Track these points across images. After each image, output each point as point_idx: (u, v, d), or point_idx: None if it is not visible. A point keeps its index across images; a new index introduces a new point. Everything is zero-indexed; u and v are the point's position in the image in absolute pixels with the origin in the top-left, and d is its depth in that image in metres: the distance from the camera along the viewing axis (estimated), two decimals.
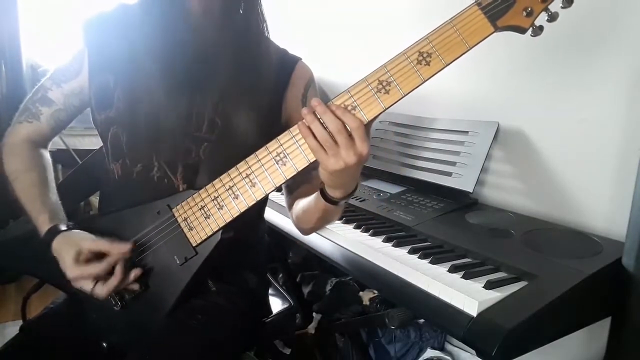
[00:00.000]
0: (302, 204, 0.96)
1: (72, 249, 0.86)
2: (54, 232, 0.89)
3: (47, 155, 1.04)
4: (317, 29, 2.20)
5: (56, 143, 1.09)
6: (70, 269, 0.86)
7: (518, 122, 1.28)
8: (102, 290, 0.87)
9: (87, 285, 0.87)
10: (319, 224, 0.98)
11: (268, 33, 1.02)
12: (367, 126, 0.75)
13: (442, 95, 1.47)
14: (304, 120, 0.75)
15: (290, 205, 1.04)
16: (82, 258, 0.86)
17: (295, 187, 1.03)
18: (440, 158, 1.38)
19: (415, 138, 1.49)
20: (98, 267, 0.86)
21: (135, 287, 0.90)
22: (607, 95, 1.09)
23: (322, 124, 0.73)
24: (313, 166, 0.79)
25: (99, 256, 0.87)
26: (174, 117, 0.90)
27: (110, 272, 0.87)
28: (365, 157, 0.74)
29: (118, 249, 0.87)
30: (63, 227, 0.90)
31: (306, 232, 1.04)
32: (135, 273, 0.89)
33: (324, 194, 0.84)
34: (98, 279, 0.87)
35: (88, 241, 0.88)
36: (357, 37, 1.91)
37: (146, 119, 0.91)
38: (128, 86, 0.93)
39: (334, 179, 0.79)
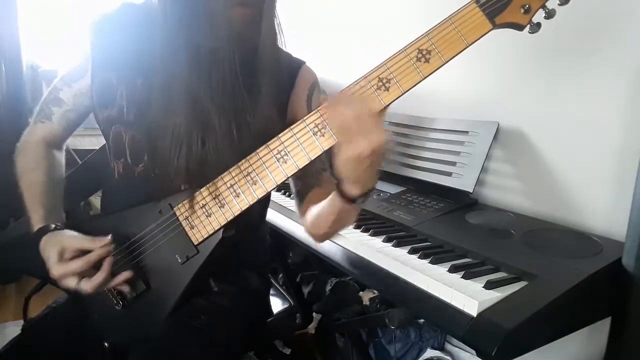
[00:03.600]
0: (316, 208, 0.94)
1: (55, 247, 0.86)
2: (42, 231, 0.90)
3: (59, 156, 1.05)
4: (318, 30, 2.21)
5: None
6: (54, 267, 0.86)
7: (518, 122, 1.28)
8: (86, 285, 0.86)
9: (71, 282, 0.86)
10: (333, 228, 0.94)
11: (284, 43, 1.00)
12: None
13: (442, 95, 1.48)
14: (324, 105, 0.75)
15: (303, 212, 1.01)
16: (65, 256, 0.86)
17: (306, 191, 1.00)
18: (440, 158, 1.38)
19: (415, 138, 1.49)
20: (78, 263, 0.85)
21: (127, 288, 0.90)
22: (607, 95, 1.10)
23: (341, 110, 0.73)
24: (323, 167, 0.78)
25: (83, 254, 0.87)
26: (178, 117, 0.90)
27: (97, 269, 0.87)
28: (381, 147, 0.72)
29: (98, 244, 0.87)
30: (52, 227, 0.91)
31: (320, 238, 1.00)
32: (125, 275, 0.88)
33: (340, 193, 0.82)
34: (82, 275, 0.86)
35: (72, 239, 0.88)
36: (358, 37, 1.91)
37: (149, 118, 0.90)
38: (131, 85, 0.93)
39: (350, 169, 0.76)
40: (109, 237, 0.88)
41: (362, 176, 0.78)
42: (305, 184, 0.79)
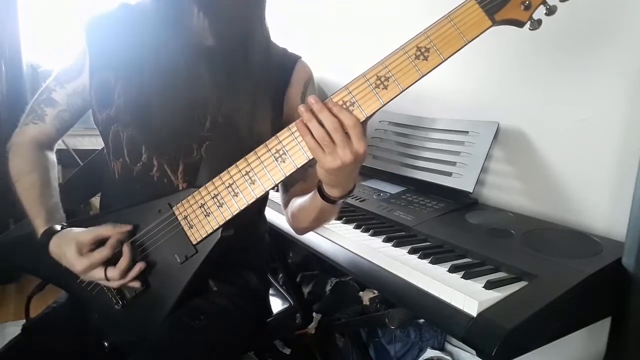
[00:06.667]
0: (298, 202, 0.96)
1: (71, 244, 0.86)
2: (49, 233, 0.90)
3: (52, 156, 1.05)
4: (316, 28, 2.21)
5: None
6: (77, 262, 0.86)
7: (518, 122, 1.28)
8: (114, 273, 0.86)
9: (98, 274, 0.87)
10: (314, 224, 0.97)
11: (269, 37, 1.02)
12: (364, 124, 0.75)
13: (442, 95, 1.47)
14: (301, 118, 0.75)
15: (286, 203, 1.04)
16: (85, 249, 0.87)
17: (291, 184, 1.02)
18: (440, 158, 1.38)
19: (415, 138, 1.49)
20: (104, 251, 0.86)
21: (138, 284, 0.90)
22: (607, 95, 1.10)
23: (319, 121, 0.73)
24: (309, 164, 0.79)
25: (100, 244, 0.87)
26: (176, 116, 0.90)
27: (117, 257, 0.87)
28: (362, 156, 0.74)
29: (118, 229, 0.88)
30: (57, 228, 0.91)
31: (301, 231, 1.04)
32: (140, 266, 0.89)
33: (321, 193, 0.84)
34: (107, 263, 0.87)
35: (85, 232, 0.88)
36: (356, 36, 1.91)
37: (147, 118, 0.91)
38: (129, 85, 0.93)
39: (331, 177, 0.79)
40: (129, 226, 0.89)
41: (343, 182, 0.80)
42: (291, 177, 0.80)
